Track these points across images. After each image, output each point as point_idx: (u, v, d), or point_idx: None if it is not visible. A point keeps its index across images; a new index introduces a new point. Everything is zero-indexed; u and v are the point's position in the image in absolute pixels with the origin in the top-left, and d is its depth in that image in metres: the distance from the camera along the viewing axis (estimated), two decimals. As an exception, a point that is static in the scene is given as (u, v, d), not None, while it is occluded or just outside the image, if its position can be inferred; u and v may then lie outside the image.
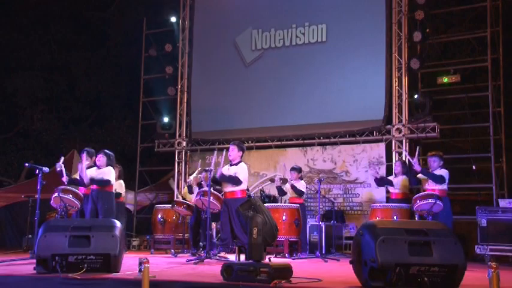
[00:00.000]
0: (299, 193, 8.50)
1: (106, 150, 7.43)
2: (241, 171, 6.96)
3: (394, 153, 9.89)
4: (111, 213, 6.99)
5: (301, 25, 10.97)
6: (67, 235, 4.66)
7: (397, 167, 8.15)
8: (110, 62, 17.01)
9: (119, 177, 8.76)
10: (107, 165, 7.32)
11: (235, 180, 6.89)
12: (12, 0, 16.02)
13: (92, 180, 7.20)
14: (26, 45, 16.27)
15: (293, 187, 8.40)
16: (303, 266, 6.01)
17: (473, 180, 10.13)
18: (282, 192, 8.71)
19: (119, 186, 8.83)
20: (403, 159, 9.31)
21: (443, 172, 6.99)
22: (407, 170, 7.99)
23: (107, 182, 7.25)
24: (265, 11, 11.45)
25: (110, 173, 7.29)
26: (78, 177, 7.52)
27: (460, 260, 3.92)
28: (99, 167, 7.34)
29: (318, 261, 7.01)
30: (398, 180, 8.05)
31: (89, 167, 7.50)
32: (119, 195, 9.04)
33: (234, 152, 7.05)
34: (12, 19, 16.10)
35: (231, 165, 7.09)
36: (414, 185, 8.18)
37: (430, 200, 6.59)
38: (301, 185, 8.59)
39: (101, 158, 7.32)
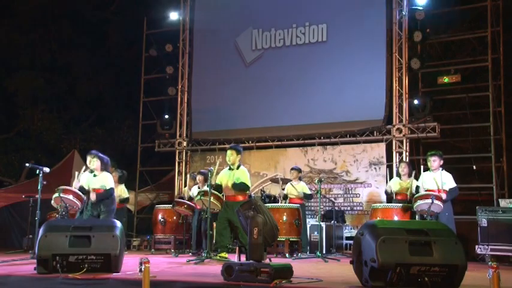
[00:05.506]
0: (308, 197, 8.70)
1: (100, 154, 7.08)
2: (244, 176, 6.99)
3: (394, 153, 9.90)
4: (110, 215, 6.92)
5: (301, 25, 10.96)
6: (68, 235, 4.66)
7: (404, 168, 8.11)
8: (110, 62, 17.00)
9: (119, 182, 8.68)
10: (101, 170, 7.00)
11: (244, 187, 6.93)
12: (12, 0, 16.01)
13: (100, 196, 6.87)
14: (26, 45, 16.26)
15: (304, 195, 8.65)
16: (303, 266, 6.01)
17: (473, 180, 10.11)
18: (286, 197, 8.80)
19: (122, 192, 8.80)
20: (404, 159, 9.31)
21: (450, 180, 6.95)
22: (412, 171, 8.01)
23: (111, 192, 7.00)
24: (265, 11, 11.44)
25: (109, 181, 6.99)
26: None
27: (461, 260, 3.93)
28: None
29: (318, 261, 7.01)
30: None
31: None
32: (127, 200, 9.07)
33: (232, 156, 7.07)
34: (12, 19, 16.10)
35: (230, 169, 7.10)
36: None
37: (427, 200, 6.60)
38: (306, 188, 8.73)
39: (95, 163, 7.00)
